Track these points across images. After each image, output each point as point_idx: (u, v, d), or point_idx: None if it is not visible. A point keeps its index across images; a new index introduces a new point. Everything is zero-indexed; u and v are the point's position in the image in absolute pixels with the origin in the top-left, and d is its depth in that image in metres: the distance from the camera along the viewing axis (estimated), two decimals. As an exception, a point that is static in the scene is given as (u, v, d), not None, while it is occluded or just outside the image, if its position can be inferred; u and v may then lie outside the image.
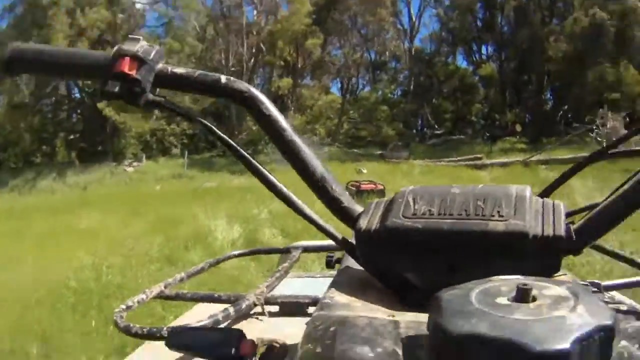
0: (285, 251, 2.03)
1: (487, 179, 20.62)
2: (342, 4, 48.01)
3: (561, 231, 0.80)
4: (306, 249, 2.03)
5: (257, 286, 1.54)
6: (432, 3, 56.71)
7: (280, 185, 0.96)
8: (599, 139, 27.93)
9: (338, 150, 39.69)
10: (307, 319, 1.23)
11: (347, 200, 0.99)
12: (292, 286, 2.01)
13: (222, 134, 0.99)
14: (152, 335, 1.17)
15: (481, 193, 0.86)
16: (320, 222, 0.96)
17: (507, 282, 0.64)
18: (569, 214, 0.92)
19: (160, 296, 1.53)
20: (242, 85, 0.98)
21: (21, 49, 1.02)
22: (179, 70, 1.00)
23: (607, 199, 0.88)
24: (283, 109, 45.34)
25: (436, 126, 50.58)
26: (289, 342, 1.25)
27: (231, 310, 1.29)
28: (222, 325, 1.25)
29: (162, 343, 1.07)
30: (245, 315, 1.49)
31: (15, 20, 44.13)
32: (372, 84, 59.18)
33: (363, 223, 0.90)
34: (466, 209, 0.84)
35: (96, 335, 6.16)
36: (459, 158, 29.21)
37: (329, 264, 1.74)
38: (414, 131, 52.66)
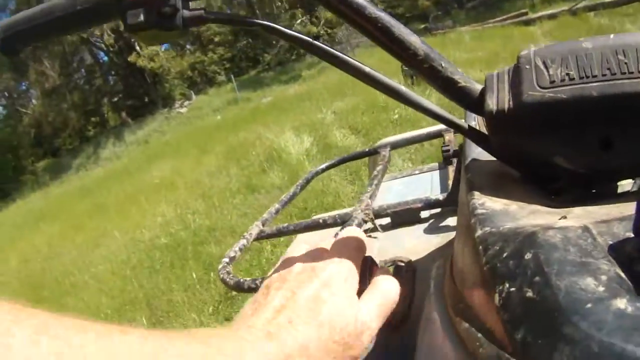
0: (373, 152, 1.83)
1: (539, 34, 19.96)
2: None
3: None
4: (395, 145, 1.84)
5: (359, 199, 1.39)
6: None
7: (374, 73, 0.80)
8: None
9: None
10: (424, 225, 1.39)
11: (463, 78, 0.81)
12: (393, 191, 1.93)
13: (290, 32, 0.80)
14: (252, 289, 1.12)
15: (618, 45, 0.71)
16: (434, 107, 0.82)
17: None
18: None
19: (261, 237, 1.49)
20: None
21: (11, 22, 0.85)
22: None
23: None
24: (311, 5, 45.15)
25: None
26: (413, 257, 1.17)
27: None
28: None
29: None
30: None
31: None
32: None
33: (492, 103, 0.76)
34: (609, 67, 0.70)
35: (200, 288, 6.00)
36: (504, 17, 28.20)
37: (447, 159, 1.53)
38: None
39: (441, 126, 1.61)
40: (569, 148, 0.72)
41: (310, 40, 0.78)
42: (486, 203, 0.71)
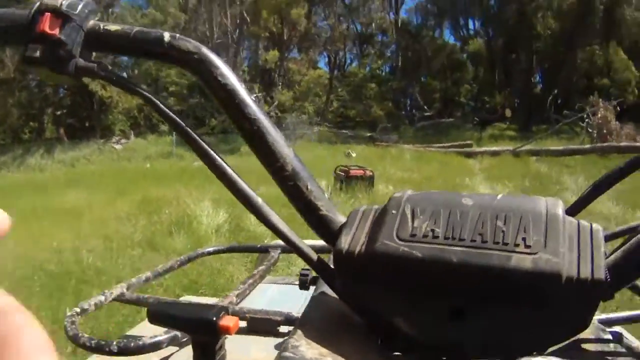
0: (264, 250, 1.87)
1: (477, 168, 20.61)
2: None
3: (601, 272, 0.63)
4: (285, 250, 1.83)
5: (227, 294, 1.42)
6: None
7: (234, 176, 0.80)
8: (589, 129, 27.84)
9: (327, 131, 39.62)
10: (278, 340, 1.29)
11: (326, 205, 0.80)
12: (267, 294, 1.87)
13: (166, 109, 0.81)
14: (101, 349, 1.09)
15: (502, 208, 0.69)
16: (290, 234, 0.80)
17: None
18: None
19: (121, 299, 1.42)
20: (191, 44, 0.79)
21: None
22: (113, 27, 0.81)
23: None
24: (270, 84, 45.78)
25: (425, 107, 50.37)
26: None
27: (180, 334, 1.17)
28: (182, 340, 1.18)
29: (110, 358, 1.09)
30: None
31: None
32: (359, 58, 59.10)
33: (345, 241, 0.73)
34: (482, 232, 0.66)
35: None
36: (449, 144, 29.11)
37: (303, 285, 1.33)
38: (403, 112, 52.64)
39: None
40: (413, 313, 0.71)
41: (185, 127, 0.80)
42: (300, 347, 0.70)
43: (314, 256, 0.80)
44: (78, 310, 1.27)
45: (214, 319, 0.79)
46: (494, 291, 0.64)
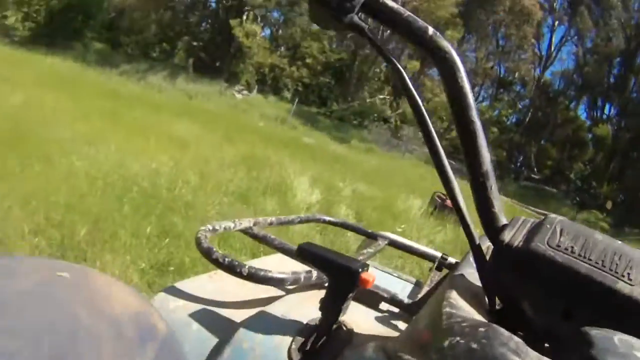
0: (373, 237, 1.94)
1: None
2: (492, 6, 47.10)
3: None
4: (393, 243, 1.94)
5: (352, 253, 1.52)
6: (574, 39, 56.70)
7: (445, 159, 0.95)
8: None
9: (436, 156, 39.54)
10: (379, 314, 1.36)
11: (498, 206, 0.94)
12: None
13: (411, 88, 0.91)
14: (232, 268, 1.18)
15: (619, 248, 0.83)
16: (467, 215, 0.94)
17: None
18: None
19: (247, 232, 1.54)
20: (446, 44, 0.90)
21: None
22: (391, 2, 0.90)
23: None
24: (400, 92, 45.45)
25: (535, 169, 49.72)
26: (355, 329, 1.19)
27: (304, 276, 1.27)
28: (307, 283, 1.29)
29: (222, 278, 1.24)
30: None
31: None
32: (492, 100, 58.69)
33: (507, 236, 0.87)
34: (603, 258, 0.82)
35: (147, 242, 6.00)
36: (544, 212, 28.37)
37: (440, 267, 1.66)
38: (512, 166, 52.13)
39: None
40: (538, 301, 0.85)
41: (422, 109, 0.93)
42: (457, 302, 0.85)
43: (477, 239, 0.95)
44: (210, 227, 1.38)
45: (360, 270, 1.01)
46: (600, 304, 0.80)
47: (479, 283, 0.97)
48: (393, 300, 1.39)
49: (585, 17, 54.77)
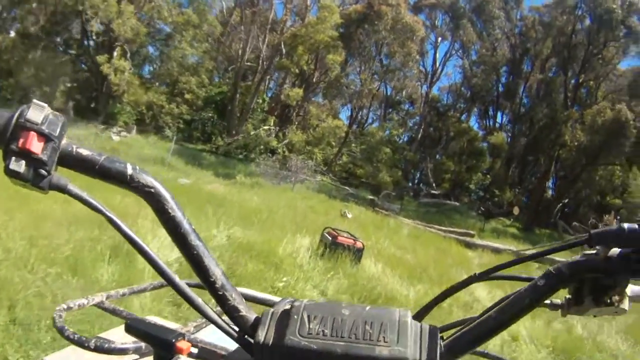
0: None
1: (476, 263, 19.14)
2: (373, 25, 46.28)
3: (434, 354, 0.89)
4: (246, 297, 1.73)
5: (187, 322, 1.68)
6: (459, 52, 58.37)
7: (164, 266, 0.95)
8: None
9: (329, 183, 38.26)
10: None
11: (244, 309, 0.99)
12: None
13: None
14: (81, 344, 1.22)
15: (369, 315, 0.90)
16: (215, 316, 0.98)
17: None
18: (443, 329, 1.02)
19: (99, 306, 1.57)
20: (148, 179, 0.92)
21: None
22: (84, 151, 0.90)
23: (481, 315, 0.99)
24: (286, 121, 44.49)
25: (434, 185, 49.86)
26: None
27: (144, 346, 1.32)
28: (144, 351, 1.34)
29: (84, 351, 1.24)
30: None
31: None
32: (381, 120, 58.93)
33: (261, 334, 0.92)
34: (356, 332, 0.88)
35: None
36: (450, 229, 27.80)
37: None
38: (410, 184, 52.11)
39: None
40: None
41: (112, 216, 0.90)
42: None
43: (235, 333, 0.99)
44: (64, 307, 1.41)
45: (173, 340, 1.13)
46: None
47: None
48: (230, 357, 1.43)
49: (469, 30, 56.21)
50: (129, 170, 0.90)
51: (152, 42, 46.87)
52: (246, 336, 0.96)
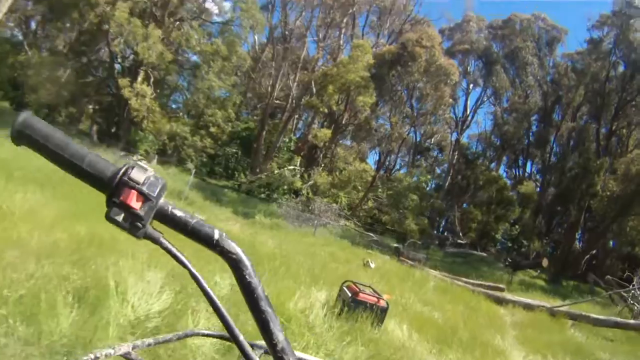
0: (250, 346, 1.53)
1: (508, 322, 17.87)
2: (406, 67, 45.18)
3: None
4: (268, 352, 1.74)
5: None
6: (491, 99, 58.43)
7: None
8: (633, 302, 25.19)
9: (353, 228, 36.82)
10: None
11: None
12: None
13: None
14: None
15: None
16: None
17: None
18: None
19: (126, 357, 1.51)
20: (232, 245, 1.03)
21: (32, 124, 1.02)
22: (179, 212, 1.03)
23: None
24: (312, 162, 43.19)
25: (460, 234, 48.67)
26: None
27: None
28: None
29: None
30: None
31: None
32: (409, 166, 57.86)
33: None
34: None
35: None
36: (478, 282, 26.51)
37: None
38: (436, 232, 51.03)
39: None
40: None
41: (196, 273, 1.05)
42: None
43: None
44: (92, 357, 1.37)
45: None
46: None
47: None
48: None
49: (501, 76, 55.98)
50: (216, 236, 1.01)
51: (179, 71, 45.85)
52: None
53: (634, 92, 46.40)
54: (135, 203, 0.96)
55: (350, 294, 10.41)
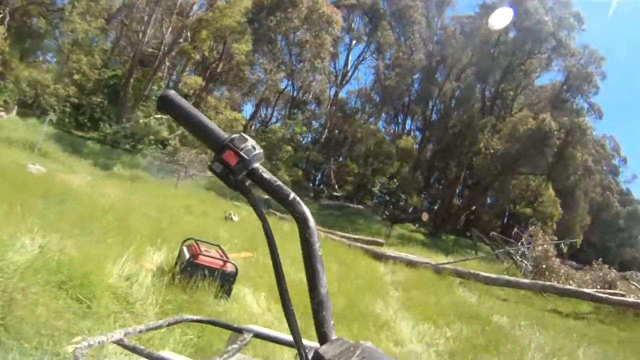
0: (238, 331, 1.92)
1: (390, 282, 16.35)
2: (285, 13, 44.82)
3: None
4: (258, 335, 1.92)
5: None
6: (374, 55, 58.35)
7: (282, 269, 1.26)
8: (523, 260, 25.70)
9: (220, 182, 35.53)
10: None
11: (328, 326, 1.23)
12: None
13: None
14: None
15: None
16: (294, 320, 1.24)
17: None
18: None
19: (119, 343, 1.57)
20: (302, 207, 1.24)
21: (172, 97, 1.29)
22: (266, 175, 1.25)
23: None
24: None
25: (336, 186, 48.60)
26: None
27: None
28: None
29: None
30: None
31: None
32: (285, 119, 56.97)
33: (325, 352, 1.13)
34: None
35: None
36: (356, 236, 25.59)
37: None
38: (311, 185, 51.35)
39: None
40: None
41: (267, 225, 1.24)
42: None
43: (306, 350, 1.21)
44: (86, 344, 1.44)
45: None
46: None
47: None
48: None
49: (387, 32, 56.12)
50: (291, 197, 1.23)
51: (44, 14, 42.30)
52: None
53: (523, 56, 48.70)
54: (232, 161, 1.20)
55: (189, 256, 8.46)
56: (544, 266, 23.75)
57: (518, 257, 26.45)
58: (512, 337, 12.37)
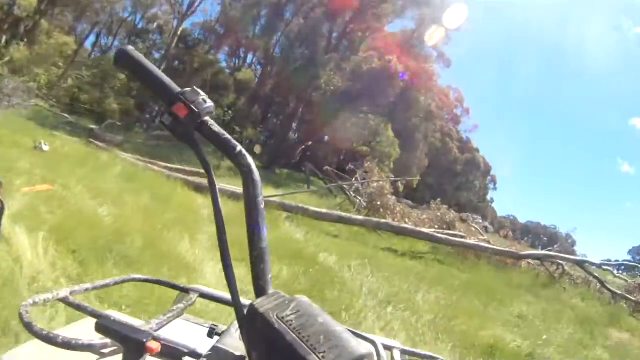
0: (185, 291, 2.13)
1: (206, 215, 15.19)
2: None
3: None
4: (204, 295, 2.11)
5: (148, 321, 1.64)
6: None
7: (220, 211, 1.29)
8: (357, 196, 25.48)
9: (46, 109, 34.48)
10: None
11: (265, 279, 1.26)
12: (181, 328, 2.15)
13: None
14: (49, 340, 1.29)
15: (331, 333, 1.06)
16: (232, 275, 1.27)
17: None
18: None
19: (64, 301, 1.60)
20: (247, 160, 1.29)
21: (129, 52, 1.30)
22: (215, 128, 1.29)
23: None
24: (16, 37, 39.63)
25: None
26: None
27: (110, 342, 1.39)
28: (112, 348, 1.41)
29: (45, 346, 1.30)
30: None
31: None
32: None
33: (259, 304, 1.16)
34: (310, 335, 1.06)
35: None
36: (178, 167, 25.02)
37: (210, 334, 1.86)
38: (148, 116, 51.38)
39: None
40: (264, 357, 1.11)
41: (213, 177, 1.31)
42: None
43: (242, 302, 1.24)
44: (31, 302, 1.46)
45: (144, 340, 1.23)
46: None
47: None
48: (193, 354, 1.69)
49: None
50: (238, 149, 1.27)
51: None
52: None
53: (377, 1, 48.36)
54: (181, 113, 1.23)
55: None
56: (378, 203, 24.26)
57: (352, 192, 26.68)
58: (341, 280, 11.75)
